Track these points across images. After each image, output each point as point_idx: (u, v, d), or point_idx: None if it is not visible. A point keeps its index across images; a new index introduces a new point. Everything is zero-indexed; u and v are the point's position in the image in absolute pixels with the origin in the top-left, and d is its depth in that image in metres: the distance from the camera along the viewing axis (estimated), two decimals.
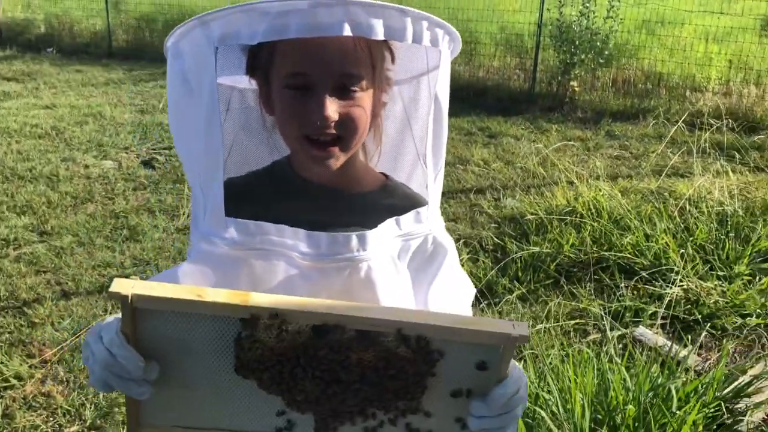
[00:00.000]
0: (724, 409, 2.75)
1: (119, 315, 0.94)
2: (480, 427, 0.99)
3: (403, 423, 1.02)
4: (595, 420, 2.62)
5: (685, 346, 3.39)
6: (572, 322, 3.66)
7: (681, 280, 3.91)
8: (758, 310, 3.76)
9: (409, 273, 1.14)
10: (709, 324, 3.61)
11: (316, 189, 1.16)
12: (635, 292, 3.98)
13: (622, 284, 4.02)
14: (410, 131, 1.24)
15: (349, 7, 0.93)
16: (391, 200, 1.20)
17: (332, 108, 1.03)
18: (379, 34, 0.96)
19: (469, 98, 8.62)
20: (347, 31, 0.93)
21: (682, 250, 4.19)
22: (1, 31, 12.55)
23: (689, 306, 3.81)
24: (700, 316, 3.69)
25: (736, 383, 2.89)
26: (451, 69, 1.17)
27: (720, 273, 4.08)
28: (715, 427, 2.70)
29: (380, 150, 1.26)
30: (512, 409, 0.99)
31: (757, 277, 4.06)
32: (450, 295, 1.20)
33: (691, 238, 4.36)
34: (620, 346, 3.38)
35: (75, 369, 3.26)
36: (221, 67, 1.12)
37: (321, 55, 1.02)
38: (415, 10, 0.98)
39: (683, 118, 6.75)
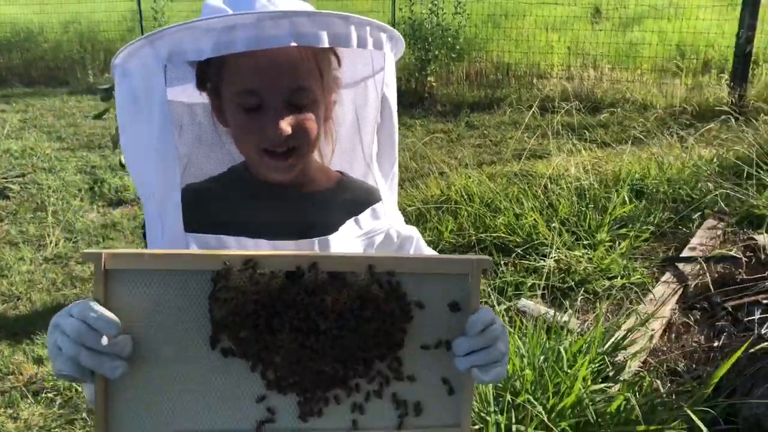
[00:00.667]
0: (608, 363, 3.01)
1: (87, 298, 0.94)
2: (468, 365, 0.99)
3: (389, 394, 1.02)
4: (497, 388, 2.78)
5: (565, 311, 3.66)
6: None
7: (552, 253, 4.21)
8: (621, 272, 4.12)
9: None
10: (582, 289, 3.93)
11: (274, 190, 1.18)
12: (514, 268, 4.24)
13: (501, 262, 4.26)
14: (359, 132, 1.29)
15: (294, 19, 0.97)
16: (348, 195, 1.25)
17: (285, 123, 1.06)
18: (325, 42, 0.99)
19: None
20: (294, 42, 0.96)
21: (551, 225, 4.50)
22: None
23: (562, 275, 4.11)
24: (573, 283, 3.99)
25: (613, 338, 3.17)
26: None
27: (585, 242, 4.43)
28: (600, 380, 2.95)
29: (334, 150, 1.30)
30: (494, 341, 0.99)
31: (617, 242, 4.44)
32: None
33: (555, 213, 4.70)
34: (507, 318, 3.59)
35: None
36: (171, 83, 1.12)
37: (269, 70, 1.05)
38: (357, 16, 1.03)
39: (535, 104, 7.22)
